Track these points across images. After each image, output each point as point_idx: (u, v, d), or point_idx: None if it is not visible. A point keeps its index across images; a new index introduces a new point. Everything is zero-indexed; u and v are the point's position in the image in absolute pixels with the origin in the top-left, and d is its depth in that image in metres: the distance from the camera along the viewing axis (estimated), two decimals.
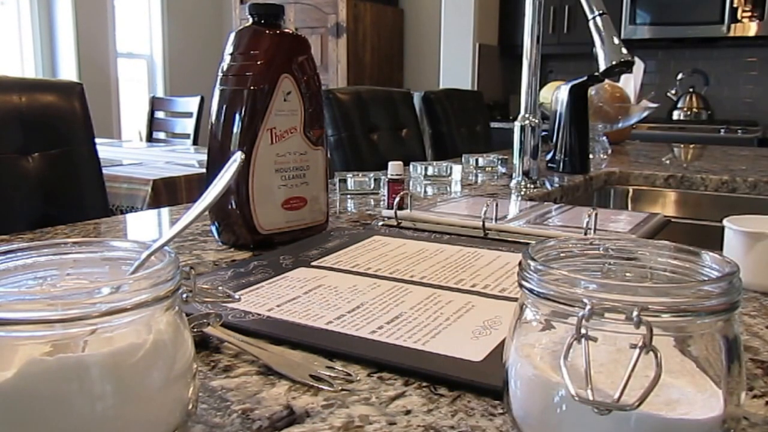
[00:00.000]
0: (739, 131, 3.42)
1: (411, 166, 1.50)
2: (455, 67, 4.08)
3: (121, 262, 0.39)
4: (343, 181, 1.26)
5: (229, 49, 0.78)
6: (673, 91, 3.95)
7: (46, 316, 0.30)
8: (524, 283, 0.35)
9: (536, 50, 1.34)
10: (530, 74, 1.35)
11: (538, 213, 1.02)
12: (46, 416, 0.31)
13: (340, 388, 0.43)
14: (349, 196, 1.23)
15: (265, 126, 0.76)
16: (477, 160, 1.66)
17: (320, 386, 0.43)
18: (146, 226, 1.04)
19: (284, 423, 0.39)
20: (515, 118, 1.38)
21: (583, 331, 0.31)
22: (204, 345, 0.49)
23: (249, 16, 0.78)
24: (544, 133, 1.47)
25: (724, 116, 3.89)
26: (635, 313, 0.30)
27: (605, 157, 1.95)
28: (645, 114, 2.00)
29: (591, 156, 1.72)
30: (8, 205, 1.13)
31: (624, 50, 1.20)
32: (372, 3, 4.37)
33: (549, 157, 1.64)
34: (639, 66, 2.13)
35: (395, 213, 0.96)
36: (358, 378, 0.45)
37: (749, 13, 3.56)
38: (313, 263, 0.71)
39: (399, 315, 0.55)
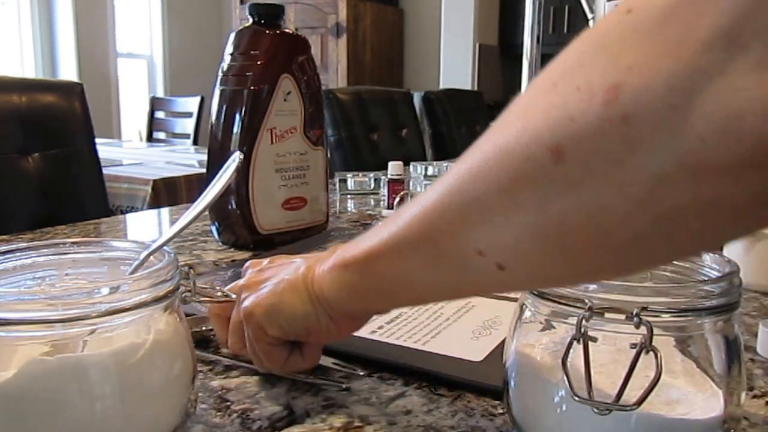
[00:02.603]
0: None
1: (411, 166, 1.50)
2: (455, 67, 4.08)
3: (120, 262, 0.39)
4: (343, 181, 1.25)
5: (229, 49, 0.78)
6: None
7: (46, 316, 0.30)
8: None
9: (536, 50, 1.34)
10: (530, 74, 1.35)
11: None
12: (46, 416, 0.31)
13: (344, 386, 0.43)
14: (349, 196, 1.23)
15: (265, 126, 0.76)
16: None
17: (325, 384, 0.43)
18: (146, 226, 1.05)
19: (284, 423, 0.39)
20: None
21: (583, 331, 0.31)
22: (204, 345, 0.49)
23: (249, 16, 0.78)
24: None
25: None
26: (635, 313, 0.30)
27: None
28: None
29: None
30: (8, 205, 1.13)
31: None
32: (372, 3, 4.36)
33: None
34: None
35: None
36: (360, 374, 0.45)
37: None
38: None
39: (399, 315, 0.55)
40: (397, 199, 0.97)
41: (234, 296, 0.43)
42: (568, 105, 0.24)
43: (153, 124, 3.51)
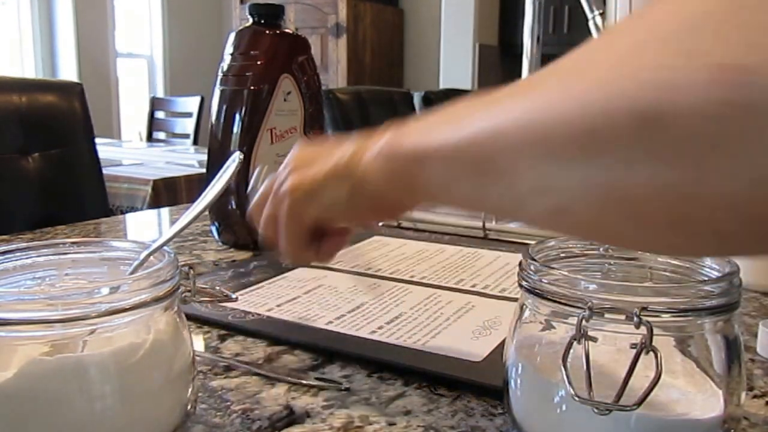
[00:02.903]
0: None
1: None
2: (455, 67, 4.08)
3: (120, 262, 0.39)
4: None
5: (229, 49, 0.78)
6: None
7: (45, 316, 0.30)
8: (524, 283, 0.35)
9: (536, 50, 1.34)
10: (530, 74, 1.35)
11: None
12: (46, 416, 0.31)
13: (344, 386, 0.43)
14: None
15: (265, 126, 0.76)
16: None
17: (325, 386, 0.43)
18: (146, 226, 1.05)
19: (284, 423, 0.39)
20: None
21: (583, 331, 0.31)
22: (204, 345, 0.49)
23: (249, 16, 0.78)
24: None
25: None
26: (635, 313, 0.30)
27: None
28: None
29: None
30: (8, 205, 1.13)
31: None
32: (372, 3, 4.36)
33: None
34: None
35: None
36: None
37: None
38: (313, 263, 0.71)
39: (399, 315, 0.55)
40: None
41: (234, 296, 0.43)
42: (673, 71, 0.20)
43: (153, 124, 3.51)
